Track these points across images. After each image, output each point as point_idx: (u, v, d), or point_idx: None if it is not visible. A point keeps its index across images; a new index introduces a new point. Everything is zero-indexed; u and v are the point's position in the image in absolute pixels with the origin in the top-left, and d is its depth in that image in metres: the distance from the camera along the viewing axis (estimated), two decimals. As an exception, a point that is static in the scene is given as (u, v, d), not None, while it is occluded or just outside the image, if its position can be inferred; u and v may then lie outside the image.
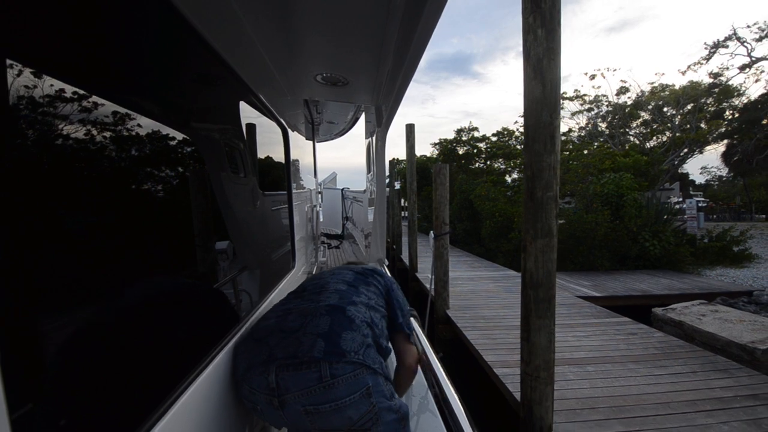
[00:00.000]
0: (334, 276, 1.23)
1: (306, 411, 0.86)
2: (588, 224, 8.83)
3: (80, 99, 0.53)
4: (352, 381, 0.86)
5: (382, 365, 0.95)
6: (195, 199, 0.88)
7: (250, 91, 1.34)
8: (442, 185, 5.36)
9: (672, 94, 16.83)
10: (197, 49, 0.91)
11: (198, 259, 0.88)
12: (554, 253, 2.40)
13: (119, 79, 0.62)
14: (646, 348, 4.10)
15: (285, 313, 1.03)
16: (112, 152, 0.59)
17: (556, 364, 3.67)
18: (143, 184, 0.68)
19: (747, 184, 23.47)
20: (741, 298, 6.54)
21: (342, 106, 3.01)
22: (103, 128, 0.56)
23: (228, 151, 1.12)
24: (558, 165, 2.35)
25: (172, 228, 0.78)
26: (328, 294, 1.08)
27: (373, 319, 1.04)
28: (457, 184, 13.85)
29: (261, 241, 1.43)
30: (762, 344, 4.22)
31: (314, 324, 0.94)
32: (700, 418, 2.78)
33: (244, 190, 1.23)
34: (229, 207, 1.07)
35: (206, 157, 0.94)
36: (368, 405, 0.87)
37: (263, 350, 0.92)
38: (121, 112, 0.60)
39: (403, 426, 0.96)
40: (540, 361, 2.45)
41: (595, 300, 6.27)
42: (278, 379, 0.86)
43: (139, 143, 0.65)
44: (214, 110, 1.06)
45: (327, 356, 0.86)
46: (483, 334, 4.50)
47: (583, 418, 2.75)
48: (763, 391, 3.18)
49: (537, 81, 2.29)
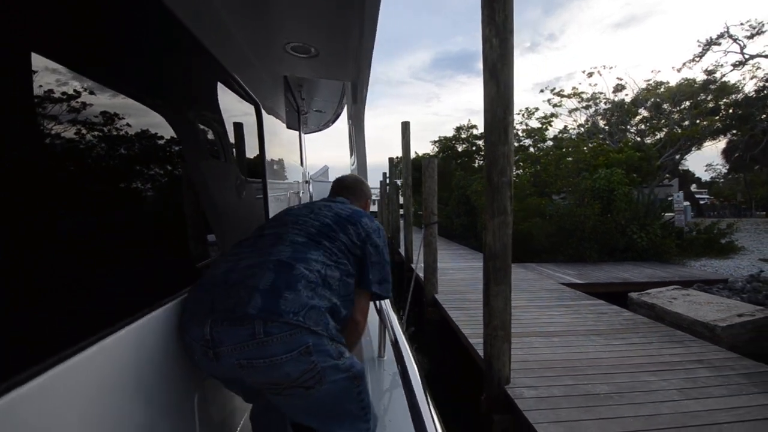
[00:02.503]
0: (303, 219, 1.17)
1: (240, 365, 0.86)
2: (577, 217, 9.20)
3: (39, 74, 0.56)
4: (288, 339, 0.85)
5: (328, 326, 0.92)
6: (153, 180, 0.92)
7: (215, 60, 1.29)
8: (431, 178, 5.78)
9: (667, 92, 17.11)
10: (150, 8, 0.88)
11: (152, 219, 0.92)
12: (509, 228, 2.81)
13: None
14: (612, 324, 4.49)
15: (236, 261, 1.01)
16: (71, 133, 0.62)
17: (524, 335, 4.11)
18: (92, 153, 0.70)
19: (747, 180, 23.56)
20: (717, 285, 6.88)
21: (328, 92, 3.04)
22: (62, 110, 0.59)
23: (183, 127, 1.08)
24: (511, 154, 2.77)
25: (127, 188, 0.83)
26: (282, 246, 1.04)
27: (328, 278, 1.00)
28: (455, 181, 14.27)
29: (225, 231, 1.37)
30: (722, 322, 4.60)
31: (256, 279, 0.91)
32: (644, 377, 3.17)
33: (196, 172, 1.18)
34: (181, 192, 1.07)
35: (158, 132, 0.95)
36: (308, 363, 0.86)
37: (206, 300, 0.92)
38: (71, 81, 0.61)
39: (357, 384, 0.96)
40: (498, 321, 2.87)
41: (577, 287, 6.66)
42: (213, 332, 0.86)
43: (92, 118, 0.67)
44: (169, 80, 1.03)
45: (261, 313, 0.85)
46: (465, 314, 4.92)
47: (540, 375, 3.17)
48: (709, 357, 3.57)
49: (493, 82, 2.70)
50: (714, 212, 24.16)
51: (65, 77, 0.62)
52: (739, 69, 16.04)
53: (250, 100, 1.81)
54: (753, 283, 6.55)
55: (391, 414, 1.25)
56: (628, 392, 2.89)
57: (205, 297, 0.93)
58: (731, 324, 4.39)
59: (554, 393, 2.89)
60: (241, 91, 1.65)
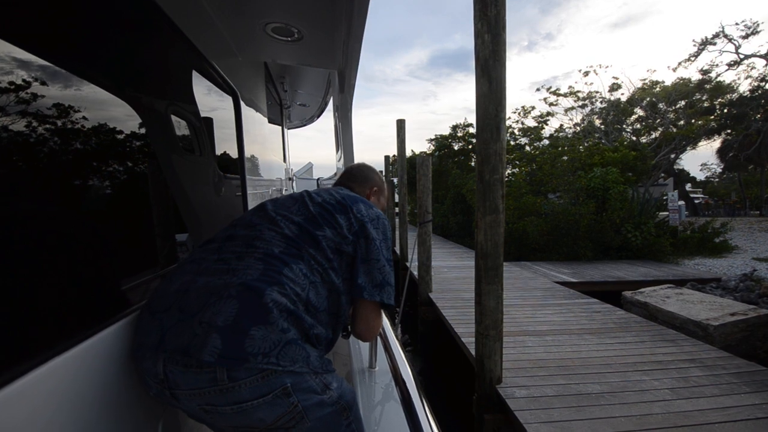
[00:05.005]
0: (283, 215, 0.97)
1: (203, 410, 0.73)
2: (572, 216, 9.21)
3: (5, 61, 0.52)
4: (260, 384, 0.70)
5: (309, 359, 0.76)
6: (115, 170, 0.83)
7: (188, 43, 1.18)
8: (425, 176, 5.74)
9: (663, 91, 17.18)
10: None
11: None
12: (501, 227, 2.78)
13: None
14: (605, 323, 4.48)
15: (194, 274, 0.83)
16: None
17: (518, 334, 4.08)
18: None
19: (742, 180, 23.72)
20: (710, 283, 6.90)
21: (312, 84, 2.91)
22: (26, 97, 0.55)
23: (151, 117, 0.98)
24: (503, 152, 2.73)
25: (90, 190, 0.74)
26: (250, 260, 0.83)
27: (311, 301, 0.83)
28: (451, 179, 14.26)
29: (200, 233, 1.25)
30: (715, 321, 4.60)
31: (215, 310, 0.73)
32: (636, 376, 3.16)
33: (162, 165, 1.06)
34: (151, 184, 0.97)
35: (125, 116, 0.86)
36: (287, 405, 0.72)
37: (154, 330, 0.75)
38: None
39: (346, 417, 0.82)
40: (489, 320, 2.84)
41: (572, 285, 6.65)
42: (166, 371, 0.72)
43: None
44: (138, 65, 0.94)
45: (222, 360, 0.68)
46: (458, 312, 4.89)
47: (532, 374, 3.14)
48: (701, 356, 3.56)
49: (484, 79, 2.66)
50: (708, 211, 24.30)
51: (26, 62, 0.57)
52: (734, 69, 16.16)
53: (228, 89, 1.66)
54: (746, 282, 6.58)
55: (386, 430, 1.13)
56: (620, 392, 2.87)
57: (152, 325, 0.76)
58: (724, 323, 4.40)
59: (546, 393, 2.87)
60: (217, 78, 1.50)
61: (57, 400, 0.58)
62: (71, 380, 0.62)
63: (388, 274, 0.98)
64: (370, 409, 1.19)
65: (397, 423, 1.07)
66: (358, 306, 0.98)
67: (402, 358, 1.25)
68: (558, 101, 19.40)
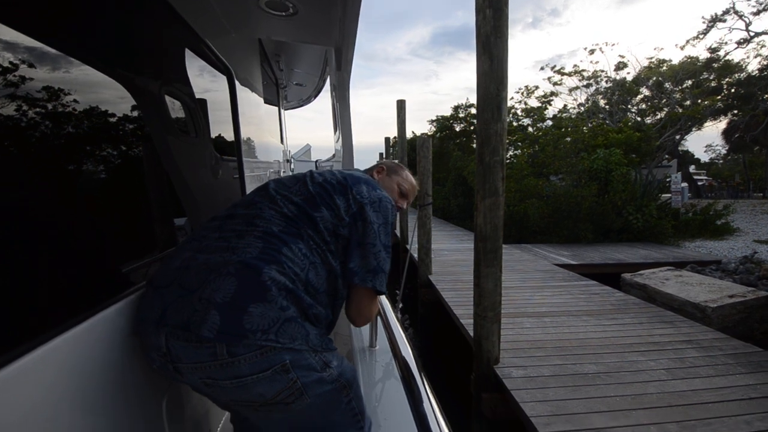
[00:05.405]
0: (283, 194, 0.95)
1: (205, 383, 0.74)
2: (574, 198, 9.16)
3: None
4: (259, 359, 0.70)
5: (309, 337, 0.77)
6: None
7: (180, 19, 1.14)
8: (425, 158, 5.68)
9: (669, 70, 16.78)
10: None
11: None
12: (500, 210, 2.75)
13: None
14: (603, 305, 4.51)
15: (195, 250, 0.84)
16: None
17: (516, 315, 4.11)
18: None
19: (746, 161, 23.47)
20: (710, 266, 6.91)
21: (308, 63, 2.85)
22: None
23: (146, 99, 0.97)
24: (504, 133, 2.67)
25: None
26: (250, 239, 0.83)
27: (310, 281, 0.83)
28: (452, 161, 14.13)
29: (198, 216, 1.24)
30: (713, 303, 4.62)
31: (214, 287, 0.73)
32: (633, 357, 3.19)
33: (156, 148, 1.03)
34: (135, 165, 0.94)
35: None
36: (286, 381, 0.73)
37: (157, 305, 0.77)
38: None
39: (345, 395, 0.83)
40: (488, 302, 2.85)
41: (571, 267, 6.67)
42: (169, 345, 0.73)
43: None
44: (130, 44, 0.92)
45: (221, 336, 0.69)
46: (458, 294, 4.92)
47: (529, 355, 3.18)
48: (698, 338, 3.58)
49: (486, 56, 2.58)
50: (711, 193, 24.17)
51: (13, 43, 0.54)
52: (743, 47, 15.73)
53: (222, 68, 1.61)
54: (746, 265, 6.58)
55: (386, 407, 1.13)
56: (616, 372, 2.91)
57: (155, 301, 0.78)
58: (722, 305, 4.42)
59: (543, 372, 2.91)
60: (211, 56, 1.46)
61: (66, 375, 0.60)
62: (79, 355, 0.64)
63: (383, 260, 0.94)
64: (371, 386, 1.19)
65: (398, 399, 1.08)
66: (352, 291, 0.96)
67: (402, 337, 1.25)
68: (562, 80, 19.02)
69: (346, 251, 0.93)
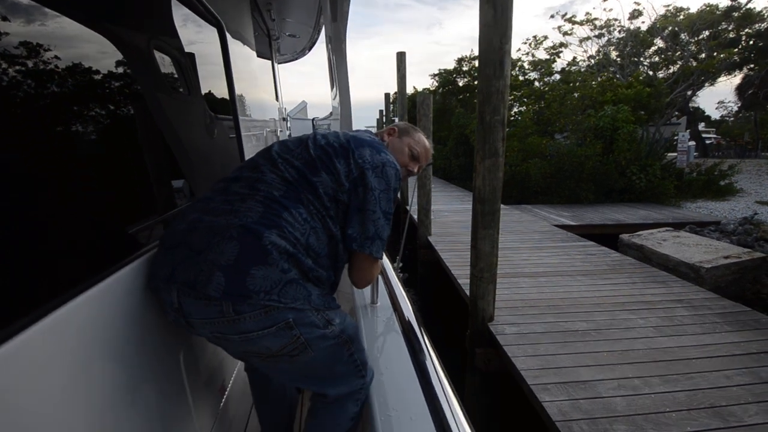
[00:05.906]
0: (285, 158, 0.94)
1: (215, 336, 0.81)
2: (578, 158, 9.00)
3: None
4: (263, 317, 0.75)
5: (311, 298, 0.80)
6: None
7: None
8: (425, 116, 5.50)
9: (686, 19, 15.77)
10: None
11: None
12: (500, 171, 2.70)
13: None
14: (599, 265, 4.57)
15: (201, 213, 0.85)
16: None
17: (512, 276, 4.18)
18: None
19: (758, 119, 22.75)
20: (709, 227, 6.93)
21: (301, 11, 2.68)
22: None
23: (134, 54, 0.92)
24: (507, 90, 2.56)
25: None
26: (251, 203, 0.84)
27: (311, 246, 0.84)
28: (455, 119, 13.72)
29: (196, 177, 1.23)
30: (708, 263, 4.68)
31: (218, 250, 0.76)
32: (624, 315, 3.29)
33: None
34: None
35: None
36: (290, 337, 0.78)
37: (167, 263, 0.80)
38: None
39: (347, 349, 0.89)
40: (484, 264, 2.88)
41: (570, 228, 6.70)
42: (180, 301, 0.77)
43: None
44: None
45: (226, 296, 0.73)
46: (456, 255, 4.98)
47: (522, 313, 3.27)
48: (689, 297, 3.66)
49: (489, 5, 2.41)
50: (719, 153, 23.70)
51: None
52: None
53: (212, 20, 1.51)
54: (745, 226, 6.59)
55: (387, 358, 1.17)
56: (606, 329, 3.01)
57: (165, 259, 0.81)
58: (716, 266, 4.48)
59: (535, 330, 3.01)
60: (199, 6, 1.37)
61: (90, 328, 0.64)
62: (102, 310, 0.68)
63: (382, 228, 0.93)
64: (373, 340, 1.24)
65: (398, 350, 1.13)
66: (352, 255, 0.97)
67: (402, 294, 1.27)
68: (573, 30, 17.95)
69: (346, 216, 0.92)
